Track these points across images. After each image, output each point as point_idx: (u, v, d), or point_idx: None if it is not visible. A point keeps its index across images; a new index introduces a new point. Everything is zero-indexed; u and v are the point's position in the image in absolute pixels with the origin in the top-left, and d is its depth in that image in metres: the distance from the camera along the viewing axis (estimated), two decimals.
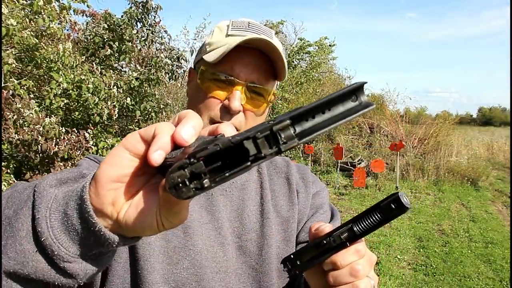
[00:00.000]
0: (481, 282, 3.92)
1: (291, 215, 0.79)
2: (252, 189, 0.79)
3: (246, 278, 0.72)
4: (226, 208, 0.74)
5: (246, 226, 0.74)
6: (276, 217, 0.78)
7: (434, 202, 7.20)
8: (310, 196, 0.82)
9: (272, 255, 0.74)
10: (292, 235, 0.78)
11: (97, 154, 3.18)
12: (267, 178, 0.82)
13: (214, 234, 0.71)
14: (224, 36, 0.72)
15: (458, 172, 8.75)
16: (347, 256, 0.50)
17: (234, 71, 0.69)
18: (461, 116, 39.07)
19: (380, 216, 0.46)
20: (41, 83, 3.37)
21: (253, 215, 0.76)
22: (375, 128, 10.72)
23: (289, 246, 0.77)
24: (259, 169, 0.83)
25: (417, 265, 4.32)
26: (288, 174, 0.84)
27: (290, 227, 0.78)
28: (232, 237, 0.73)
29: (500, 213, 6.64)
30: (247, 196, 0.77)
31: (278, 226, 0.77)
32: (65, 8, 3.23)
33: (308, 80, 11.30)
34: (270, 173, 0.84)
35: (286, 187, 0.82)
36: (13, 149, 2.92)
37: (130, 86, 3.58)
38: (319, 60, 12.37)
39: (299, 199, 0.81)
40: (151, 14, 3.97)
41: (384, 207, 0.46)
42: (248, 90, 0.70)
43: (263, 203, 0.78)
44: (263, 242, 0.74)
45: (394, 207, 0.45)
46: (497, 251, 4.74)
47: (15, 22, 2.53)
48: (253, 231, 0.74)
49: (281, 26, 12.72)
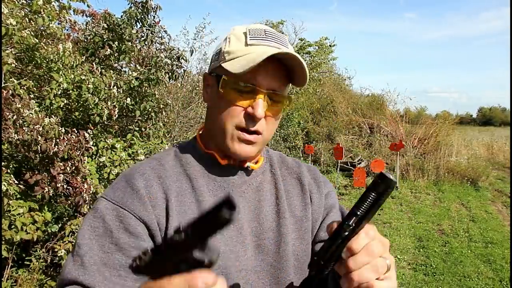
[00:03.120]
0: (481, 282, 3.92)
1: (304, 215, 0.83)
2: (267, 190, 0.82)
3: (265, 275, 0.76)
4: (244, 210, 0.78)
5: (264, 225, 0.78)
6: (290, 216, 0.81)
7: (434, 202, 7.20)
8: (323, 196, 0.87)
9: (289, 252, 0.78)
10: (306, 233, 0.82)
11: (97, 154, 3.18)
12: (280, 179, 0.85)
13: (235, 235, 0.75)
14: (244, 45, 0.74)
15: (458, 172, 8.76)
16: (360, 240, 0.53)
17: (257, 80, 0.72)
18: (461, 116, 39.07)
19: (373, 195, 0.50)
20: (41, 83, 3.37)
21: (269, 215, 0.79)
22: (375, 128, 10.72)
23: (303, 244, 0.81)
24: (272, 169, 0.86)
25: (417, 265, 4.33)
26: (300, 174, 0.87)
27: (303, 226, 0.82)
28: (251, 236, 0.76)
29: (500, 213, 6.64)
30: (263, 197, 0.81)
31: (292, 225, 0.81)
32: (65, 7, 3.22)
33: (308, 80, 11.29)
34: (283, 173, 0.87)
35: (299, 188, 0.86)
36: (12, 149, 2.91)
37: (130, 86, 3.58)
38: (319, 60, 12.37)
39: (313, 200, 0.85)
40: (151, 14, 3.96)
41: (372, 184, 0.50)
42: (268, 97, 0.73)
43: (278, 203, 0.81)
44: (280, 240, 0.78)
45: (380, 181, 0.49)
46: (497, 251, 4.74)
47: (14, 22, 2.53)
48: (270, 230, 0.78)
49: (281, 26, 12.72)
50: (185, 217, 0.72)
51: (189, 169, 0.78)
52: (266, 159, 0.87)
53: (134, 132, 3.60)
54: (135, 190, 0.70)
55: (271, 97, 0.74)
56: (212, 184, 0.77)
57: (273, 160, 0.88)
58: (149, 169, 0.75)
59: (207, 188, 0.76)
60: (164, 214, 0.71)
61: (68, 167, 2.79)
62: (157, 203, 0.71)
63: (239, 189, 0.79)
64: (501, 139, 14.10)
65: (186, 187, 0.75)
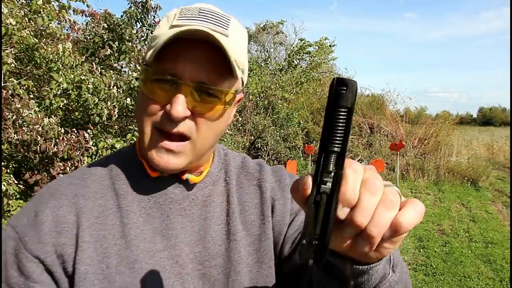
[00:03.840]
0: (481, 282, 3.91)
1: (262, 232, 0.67)
2: (217, 204, 0.67)
3: None
4: (185, 231, 0.63)
5: (210, 250, 0.64)
6: (246, 236, 0.67)
7: (434, 202, 7.19)
8: (289, 201, 0.71)
9: (242, 283, 0.64)
10: (266, 254, 0.67)
11: (97, 154, 3.18)
12: (235, 189, 0.70)
13: (169, 264, 0.61)
14: (168, 27, 0.59)
15: (458, 172, 8.75)
16: (352, 181, 0.35)
17: (177, 69, 0.56)
18: (461, 116, 39.09)
19: (343, 113, 0.33)
20: (40, 83, 3.36)
21: (217, 237, 0.65)
22: (375, 128, 10.71)
23: (263, 268, 0.66)
24: (226, 178, 0.71)
25: (417, 265, 4.32)
26: (261, 180, 0.72)
27: (262, 246, 0.67)
28: (194, 264, 0.62)
29: (500, 213, 6.63)
30: (210, 215, 0.66)
31: (248, 246, 0.66)
32: (65, 7, 3.22)
33: (308, 80, 11.29)
34: (240, 181, 0.72)
35: (258, 197, 0.70)
36: (12, 149, 2.91)
37: (130, 86, 3.58)
38: (319, 60, 12.37)
39: (276, 208, 0.69)
40: (151, 14, 3.96)
41: (334, 99, 0.33)
42: (197, 90, 0.57)
43: (229, 221, 0.66)
44: (230, 268, 0.64)
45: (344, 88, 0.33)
46: (497, 251, 4.74)
47: (14, 22, 2.53)
48: (218, 255, 0.64)
49: (281, 26, 12.72)
50: (104, 244, 0.59)
51: (118, 183, 0.64)
52: (221, 166, 0.72)
53: (134, 132, 3.60)
54: (37, 216, 0.58)
55: (201, 90, 0.57)
56: (145, 201, 0.63)
57: (230, 166, 0.72)
58: (65, 185, 0.62)
59: (138, 206, 0.62)
60: (72, 242, 0.58)
61: (68, 167, 2.79)
62: (64, 229, 0.58)
63: (179, 206, 0.64)
64: (501, 139, 14.10)
65: (111, 205, 0.62)
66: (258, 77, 10.04)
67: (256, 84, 9.35)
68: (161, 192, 0.64)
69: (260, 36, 12.72)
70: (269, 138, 8.96)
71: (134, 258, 0.60)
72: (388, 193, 0.36)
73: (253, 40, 12.88)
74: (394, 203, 0.36)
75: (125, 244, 0.60)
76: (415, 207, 0.37)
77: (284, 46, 12.82)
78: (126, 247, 0.60)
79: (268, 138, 8.96)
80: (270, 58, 12.47)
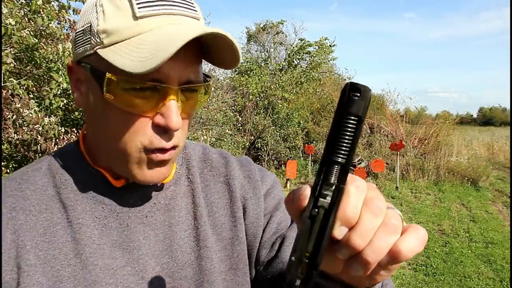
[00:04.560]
0: (481, 283, 3.91)
1: (234, 235, 0.60)
2: (182, 207, 0.59)
3: None
4: (148, 241, 0.55)
5: (178, 260, 0.56)
6: (216, 241, 0.59)
7: (434, 202, 7.19)
8: (261, 199, 0.64)
9: None
10: (240, 260, 0.61)
11: None
12: (200, 188, 0.62)
13: (134, 280, 0.53)
14: (131, 18, 0.47)
15: (459, 172, 8.75)
16: (353, 199, 0.31)
17: (161, 72, 0.47)
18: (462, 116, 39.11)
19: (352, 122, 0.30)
20: (40, 83, 3.37)
21: (185, 244, 0.57)
22: (375, 128, 10.71)
23: (237, 275, 0.60)
24: (189, 175, 0.62)
25: (417, 265, 4.32)
26: (228, 177, 0.64)
27: (235, 251, 0.60)
28: (162, 278, 0.55)
29: (501, 213, 6.63)
30: (175, 220, 0.58)
31: (220, 252, 0.59)
32: (64, 7, 3.22)
33: (308, 80, 11.29)
34: (205, 177, 0.63)
35: (227, 196, 0.63)
36: (12, 149, 2.91)
37: None
38: (319, 60, 12.37)
39: (248, 209, 0.62)
40: None
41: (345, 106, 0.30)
42: (182, 92, 0.49)
43: (197, 226, 0.58)
44: (203, 279, 0.57)
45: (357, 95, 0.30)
46: (497, 251, 4.73)
47: (13, 22, 2.53)
48: (188, 265, 0.57)
49: (281, 26, 12.71)
50: (55, 265, 0.50)
51: (64, 192, 0.54)
52: (182, 161, 0.63)
53: None
54: None
55: (186, 89, 0.50)
56: (98, 211, 0.54)
57: (191, 160, 0.63)
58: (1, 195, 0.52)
59: (91, 217, 0.53)
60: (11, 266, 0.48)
61: None
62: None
63: (139, 213, 0.56)
64: (502, 139, 14.09)
65: (59, 219, 0.52)
66: (258, 77, 10.04)
67: (256, 84, 9.35)
68: (117, 198, 0.55)
69: (260, 36, 12.71)
70: (269, 138, 8.96)
71: (92, 279, 0.51)
72: (391, 217, 0.33)
73: (253, 40, 12.88)
74: (397, 228, 0.33)
75: (80, 264, 0.51)
76: (417, 235, 0.33)
77: (284, 46, 12.82)
78: (81, 267, 0.51)
79: (268, 138, 8.96)
80: (270, 58, 12.47)
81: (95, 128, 0.53)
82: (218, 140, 7.07)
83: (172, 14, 0.48)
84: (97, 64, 0.48)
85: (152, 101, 0.48)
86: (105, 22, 0.47)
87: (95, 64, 0.49)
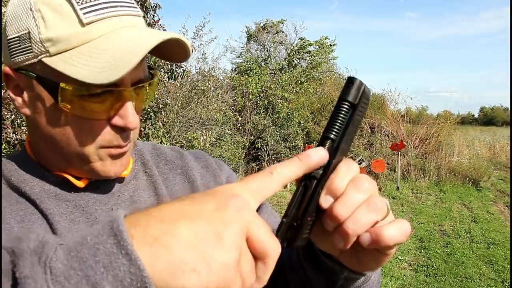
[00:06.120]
0: (482, 283, 3.89)
1: None
2: (145, 199, 0.60)
3: None
4: None
5: None
6: None
7: (435, 203, 7.16)
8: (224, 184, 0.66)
9: None
10: None
11: None
12: (160, 180, 0.63)
13: None
14: (78, 24, 0.46)
15: (460, 172, 8.72)
16: (342, 175, 0.36)
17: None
18: (463, 116, 39.08)
19: (346, 107, 0.36)
20: None
21: None
22: (376, 128, 10.68)
23: None
24: (146, 169, 0.63)
25: (418, 266, 4.30)
26: (185, 168, 0.66)
27: None
28: None
29: (502, 213, 6.60)
30: None
31: None
32: None
33: (308, 79, 11.28)
34: (162, 171, 0.65)
35: (187, 186, 0.64)
36: (11, 149, 2.90)
37: None
38: (320, 59, 12.34)
39: None
40: (150, 13, 3.94)
41: (342, 94, 0.37)
42: (134, 90, 0.51)
43: None
44: None
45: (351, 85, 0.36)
46: (499, 252, 4.71)
47: None
48: None
49: (281, 25, 12.69)
50: None
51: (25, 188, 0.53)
52: (136, 157, 0.64)
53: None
54: None
55: (137, 87, 0.52)
56: (63, 207, 0.53)
57: (145, 155, 0.65)
58: None
59: (58, 213, 0.52)
60: None
61: None
62: None
63: (105, 206, 0.56)
64: (503, 139, 14.05)
65: (34, 210, 0.52)
66: (258, 76, 10.03)
67: (256, 83, 9.33)
68: (80, 196, 0.55)
69: (260, 35, 12.70)
70: (269, 138, 8.94)
71: None
72: (375, 198, 0.36)
73: (253, 39, 12.86)
74: (378, 208, 0.36)
75: None
76: (401, 226, 0.37)
77: (284, 46, 12.80)
78: None
79: (268, 138, 8.94)
80: (270, 58, 12.45)
81: (45, 134, 0.52)
82: (217, 140, 7.06)
83: (118, 16, 0.49)
84: (43, 72, 0.48)
85: (108, 104, 0.49)
86: (48, 30, 0.46)
87: (41, 72, 0.48)
